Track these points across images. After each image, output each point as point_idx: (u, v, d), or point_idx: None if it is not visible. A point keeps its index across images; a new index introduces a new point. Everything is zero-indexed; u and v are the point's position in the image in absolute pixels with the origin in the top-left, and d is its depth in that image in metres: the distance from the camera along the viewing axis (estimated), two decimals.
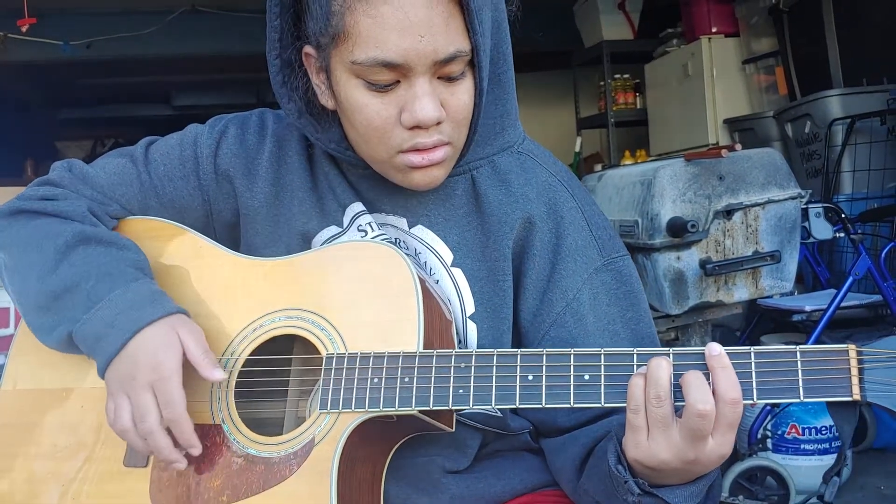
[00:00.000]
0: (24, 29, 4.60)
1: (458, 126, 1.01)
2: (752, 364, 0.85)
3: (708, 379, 0.85)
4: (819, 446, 2.77)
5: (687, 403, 0.84)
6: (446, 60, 0.95)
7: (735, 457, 2.88)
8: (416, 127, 0.97)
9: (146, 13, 5.48)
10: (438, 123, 0.98)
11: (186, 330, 1.01)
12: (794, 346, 0.85)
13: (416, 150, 0.99)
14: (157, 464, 1.03)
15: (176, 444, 0.99)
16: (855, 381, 0.82)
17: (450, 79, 0.97)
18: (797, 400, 0.84)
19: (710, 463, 0.86)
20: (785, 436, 2.79)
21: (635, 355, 0.88)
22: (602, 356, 0.89)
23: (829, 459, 2.77)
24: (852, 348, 0.83)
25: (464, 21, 0.95)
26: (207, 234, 1.15)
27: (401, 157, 1.00)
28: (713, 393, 0.84)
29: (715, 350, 0.86)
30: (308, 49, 1.02)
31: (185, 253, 1.13)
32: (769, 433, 2.79)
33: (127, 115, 8.50)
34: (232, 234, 1.18)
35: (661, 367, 0.85)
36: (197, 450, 0.98)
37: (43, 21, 4.89)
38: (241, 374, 1.04)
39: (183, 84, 7.60)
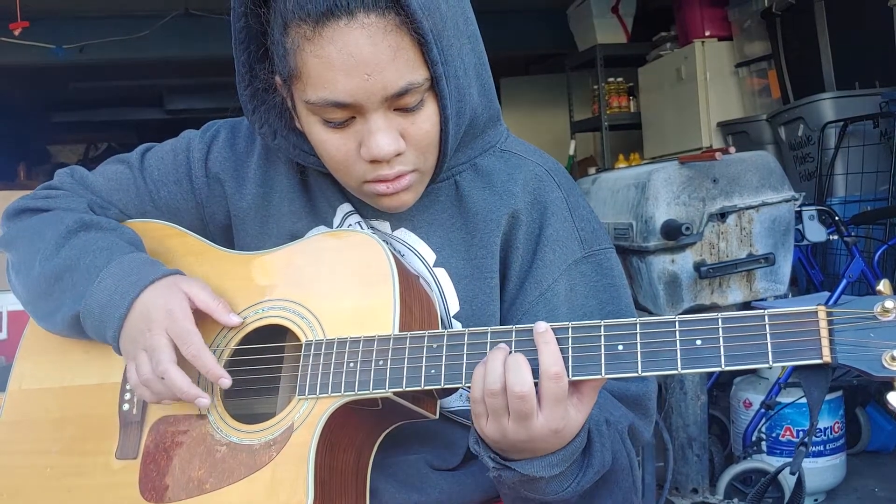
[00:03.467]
0: (16, 33, 4.58)
1: (422, 153, 1.00)
2: (720, 330, 0.83)
3: (534, 362, 0.86)
4: (814, 448, 2.77)
5: (507, 387, 0.85)
6: (398, 94, 0.94)
7: (730, 460, 2.88)
8: (374, 161, 0.97)
9: (139, 17, 5.47)
10: (399, 154, 0.98)
11: (189, 283, 1.04)
12: (762, 311, 0.82)
13: (380, 180, 1.00)
14: (145, 454, 1.05)
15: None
16: (825, 342, 0.79)
17: (407, 109, 0.96)
18: (766, 365, 0.81)
19: (543, 438, 0.87)
20: (780, 438, 2.80)
21: (602, 327, 0.87)
22: (570, 329, 0.88)
23: (824, 461, 2.78)
24: (821, 309, 0.80)
25: (419, 51, 0.93)
26: (204, 236, 1.18)
27: (367, 187, 1.01)
28: (538, 370, 0.86)
29: (540, 328, 0.87)
30: (277, 80, 1.03)
31: (177, 251, 1.16)
32: (764, 436, 2.80)
33: (120, 118, 8.48)
34: (226, 236, 1.20)
35: (497, 361, 0.87)
36: (227, 381, 0.99)
37: (35, 25, 4.88)
38: (230, 364, 1.05)
39: (176, 87, 7.59)
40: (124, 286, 1.03)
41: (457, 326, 1.08)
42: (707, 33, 4.72)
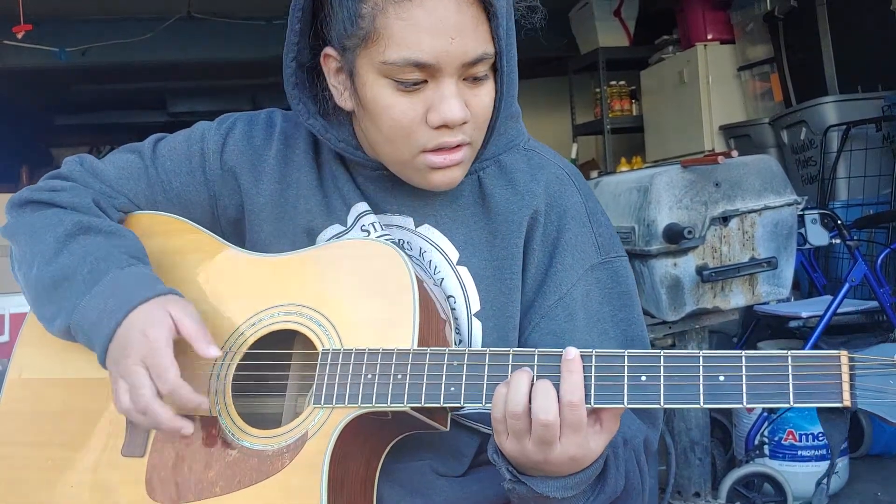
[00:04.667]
0: (19, 35, 4.59)
1: (478, 127, 1.04)
2: (743, 368, 0.85)
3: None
4: (816, 452, 2.77)
5: (532, 412, 0.87)
6: (474, 62, 0.98)
7: (732, 463, 2.88)
8: (442, 126, 1.00)
9: (142, 20, 5.47)
10: (463, 124, 1.01)
11: (178, 307, 1.01)
12: (785, 352, 0.84)
13: (440, 149, 1.01)
14: (153, 454, 1.04)
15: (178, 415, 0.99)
16: (846, 387, 0.81)
17: (475, 80, 1.00)
18: (787, 405, 0.83)
19: (560, 463, 0.89)
20: (782, 442, 2.79)
21: (626, 357, 0.88)
22: (593, 357, 0.89)
23: (826, 465, 2.77)
24: (844, 354, 0.82)
25: (489, 26, 0.99)
26: (213, 230, 1.17)
27: (422, 158, 1.02)
28: (558, 396, 0.87)
29: (570, 355, 0.88)
30: (329, 51, 1.04)
31: (189, 248, 1.15)
32: (766, 439, 2.79)
33: (123, 121, 8.49)
34: (237, 230, 1.19)
35: (521, 383, 0.88)
36: (205, 407, 0.99)
37: (38, 28, 4.89)
38: (240, 368, 1.05)
39: (179, 90, 7.60)
40: (113, 305, 1.01)
41: (476, 325, 1.08)
42: (709, 36, 4.72)
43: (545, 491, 0.91)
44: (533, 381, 0.88)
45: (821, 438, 2.76)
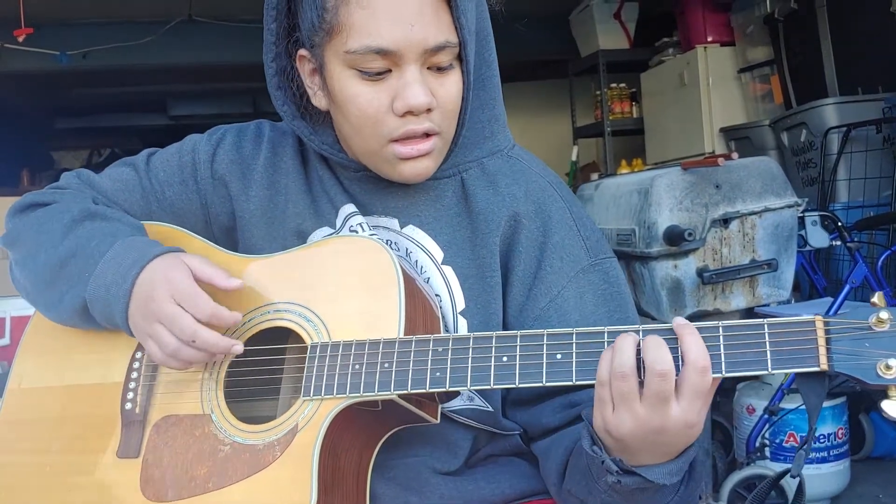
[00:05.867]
0: (20, 39, 4.60)
1: (446, 117, 1.04)
2: (721, 338, 0.85)
3: (673, 350, 0.85)
4: (818, 454, 2.77)
5: (645, 365, 0.84)
6: (435, 49, 0.99)
7: (733, 465, 2.88)
8: (407, 113, 1.00)
9: (143, 23, 5.48)
10: (429, 111, 1.01)
11: (189, 256, 1.05)
12: (761, 320, 0.85)
13: (407, 138, 1.02)
14: (147, 454, 1.05)
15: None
16: (822, 351, 0.82)
17: (439, 69, 1.01)
18: (765, 372, 0.83)
19: (677, 431, 0.86)
20: (783, 444, 2.79)
21: (606, 333, 0.89)
22: (574, 335, 0.90)
23: (828, 468, 2.77)
24: (819, 318, 0.83)
25: (451, 17, 1.00)
26: (207, 237, 1.19)
27: (391, 148, 1.03)
28: (683, 360, 0.84)
29: (682, 320, 0.87)
30: (302, 52, 1.06)
31: None
32: (767, 442, 2.79)
33: (123, 124, 8.51)
34: (230, 237, 1.21)
35: (627, 345, 0.86)
36: (239, 347, 1.01)
37: (39, 31, 4.90)
38: (233, 364, 1.06)
39: (179, 94, 7.61)
40: (126, 265, 1.04)
41: (462, 323, 1.09)
42: (709, 39, 4.72)
43: (656, 478, 0.89)
44: (639, 343, 0.86)
45: (822, 440, 2.76)
